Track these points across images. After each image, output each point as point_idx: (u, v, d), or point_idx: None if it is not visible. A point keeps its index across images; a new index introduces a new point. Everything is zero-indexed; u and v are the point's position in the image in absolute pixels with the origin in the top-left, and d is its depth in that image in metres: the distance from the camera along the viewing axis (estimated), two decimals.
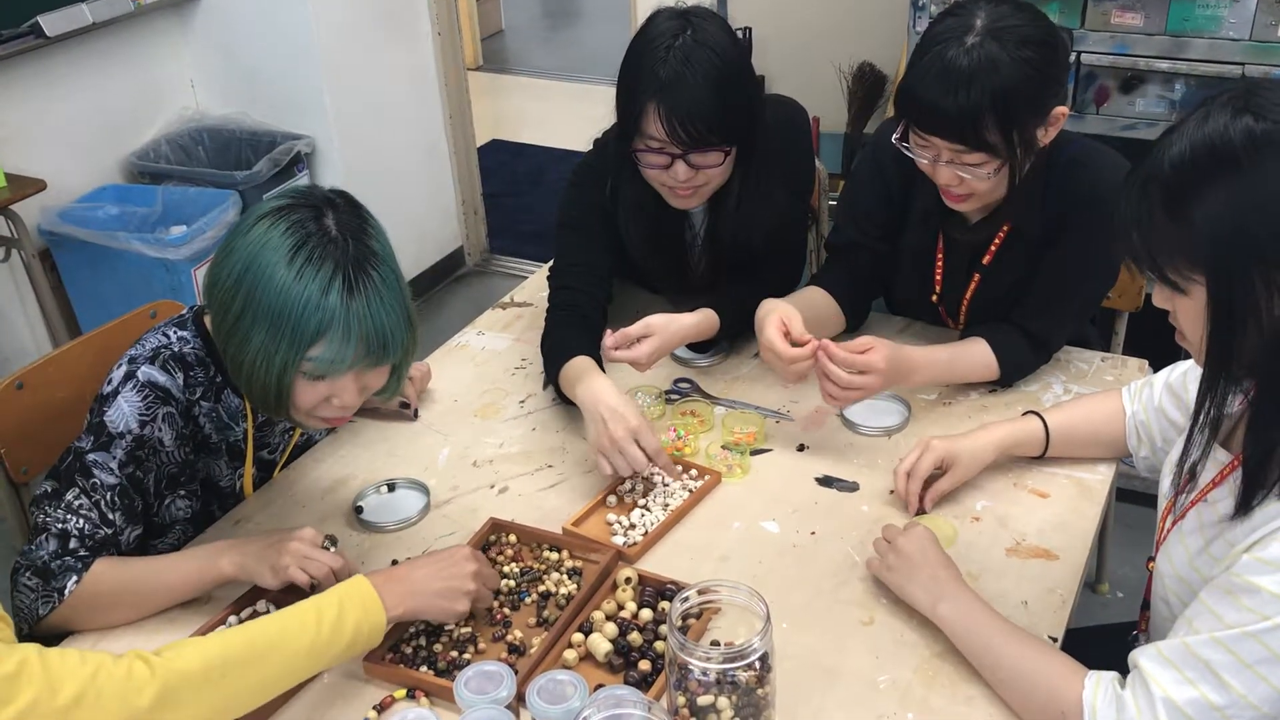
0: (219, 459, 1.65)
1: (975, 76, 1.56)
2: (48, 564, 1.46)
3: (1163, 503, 1.40)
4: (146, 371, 1.51)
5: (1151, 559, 1.40)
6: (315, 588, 1.42)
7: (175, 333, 1.56)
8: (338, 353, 1.39)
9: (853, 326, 1.96)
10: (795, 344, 1.69)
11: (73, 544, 1.47)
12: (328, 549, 1.47)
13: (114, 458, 1.49)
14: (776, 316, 1.70)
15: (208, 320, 1.53)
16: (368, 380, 1.47)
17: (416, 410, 1.86)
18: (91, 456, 1.48)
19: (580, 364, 1.76)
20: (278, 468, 1.77)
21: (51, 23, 3.09)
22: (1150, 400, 1.60)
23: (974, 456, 1.61)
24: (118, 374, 1.52)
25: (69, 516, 1.48)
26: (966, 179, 1.66)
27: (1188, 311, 1.15)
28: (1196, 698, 1.14)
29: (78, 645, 1.45)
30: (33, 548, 1.48)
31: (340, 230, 1.41)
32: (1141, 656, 1.19)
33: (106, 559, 1.49)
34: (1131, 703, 1.18)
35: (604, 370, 1.77)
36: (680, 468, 1.71)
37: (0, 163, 2.93)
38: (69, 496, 1.48)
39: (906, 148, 1.69)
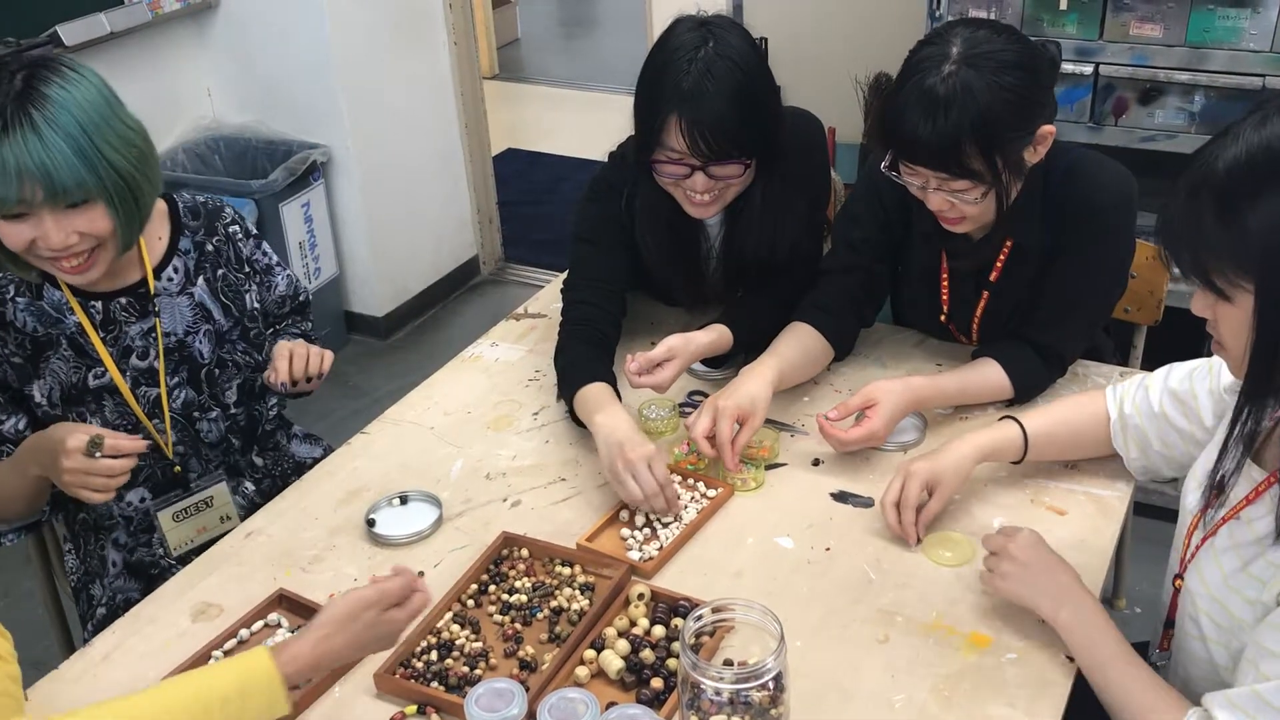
0: (58, 351, 1.70)
1: (953, 105, 1.56)
2: None
3: (1187, 518, 1.38)
4: None
5: (1179, 576, 1.38)
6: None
7: None
8: (4, 190, 1.47)
9: (840, 356, 1.94)
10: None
11: None
12: (93, 455, 1.53)
13: None
14: (734, 411, 1.67)
15: None
16: (74, 224, 1.53)
17: (284, 384, 1.76)
18: None
19: (598, 394, 1.74)
20: (162, 376, 1.76)
21: (70, 32, 3.11)
22: (1146, 403, 1.57)
23: (956, 471, 1.58)
24: None
25: None
26: (956, 203, 1.66)
27: (1231, 320, 1.14)
28: None
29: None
30: None
31: (21, 79, 1.50)
32: (1214, 705, 1.18)
33: None
34: None
35: (619, 390, 1.78)
36: (691, 481, 1.70)
37: None
38: None
39: (895, 176, 1.69)
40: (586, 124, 5.78)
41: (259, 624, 1.48)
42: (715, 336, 1.85)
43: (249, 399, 1.89)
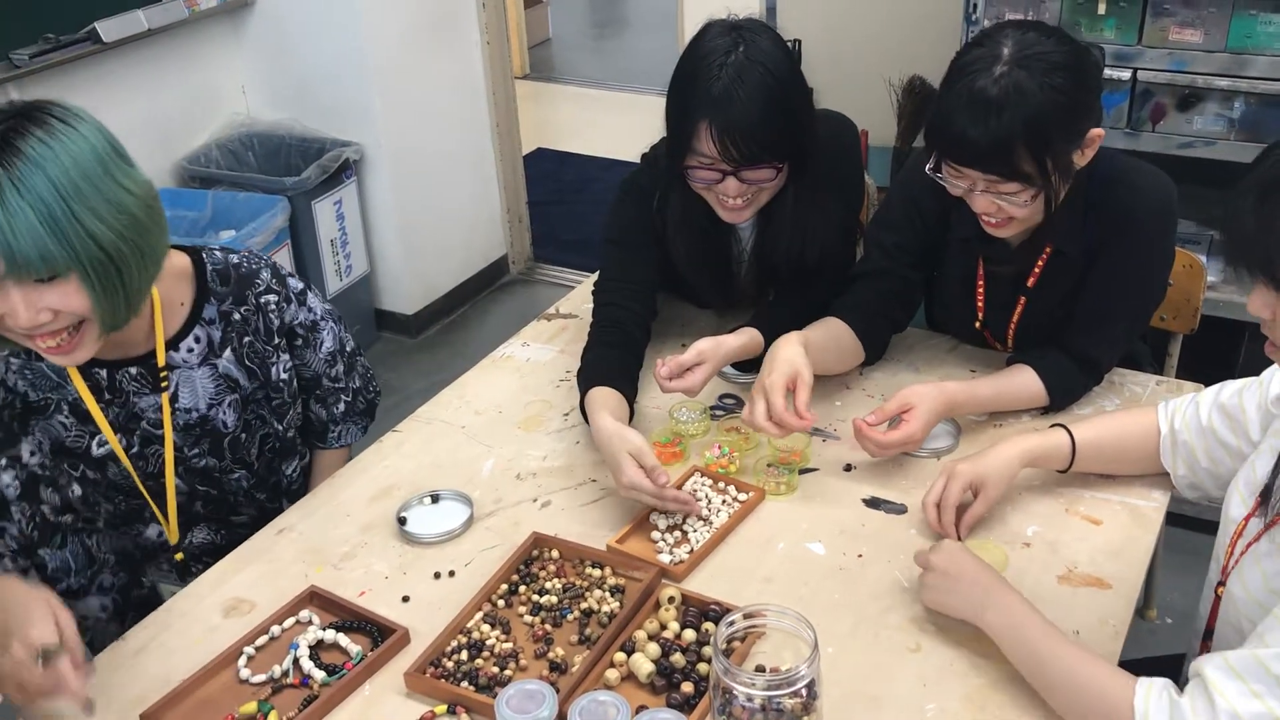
0: (56, 416, 1.57)
1: (1005, 107, 1.54)
2: None
3: (1230, 527, 1.36)
4: None
5: (1221, 584, 1.36)
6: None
7: None
8: None
9: (872, 359, 1.93)
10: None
11: None
12: (37, 662, 1.26)
13: None
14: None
15: None
16: (44, 299, 1.34)
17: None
18: None
19: (597, 398, 1.74)
20: (169, 441, 1.65)
21: (109, 29, 3.14)
22: (1195, 419, 1.56)
23: (1000, 474, 1.57)
24: None
25: None
26: (1003, 206, 1.64)
27: None
28: (1262, 712, 1.11)
29: None
30: None
31: None
32: (1207, 665, 1.17)
33: None
34: (1189, 711, 1.15)
35: (632, 394, 1.79)
36: (722, 484, 1.70)
37: None
38: None
39: (940, 178, 1.67)
40: (616, 124, 5.78)
41: (290, 620, 1.49)
42: (746, 340, 1.84)
43: (273, 458, 1.81)
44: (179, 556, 1.76)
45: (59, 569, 1.67)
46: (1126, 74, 2.56)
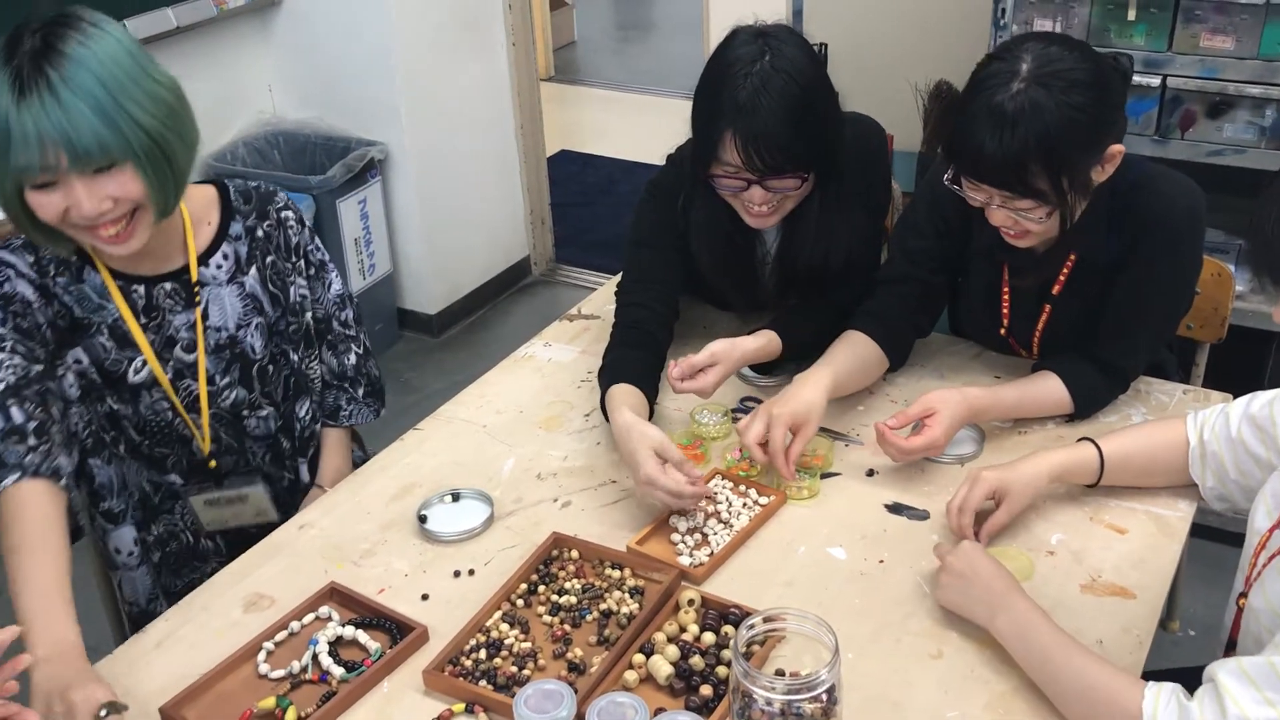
0: (97, 337, 1.64)
1: (1020, 124, 1.53)
2: None
3: (1254, 538, 1.35)
4: None
5: (1243, 595, 1.35)
6: None
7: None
8: (25, 158, 1.40)
9: (896, 365, 1.92)
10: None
11: (3, 420, 1.50)
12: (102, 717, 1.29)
13: None
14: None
15: None
16: (105, 189, 1.45)
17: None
18: None
19: (617, 395, 1.74)
20: (201, 369, 1.71)
21: (138, 26, 3.16)
22: (1225, 430, 1.54)
23: (1026, 486, 1.56)
24: None
25: None
26: (1020, 220, 1.63)
27: None
28: (1273, 718, 1.09)
29: None
30: None
31: (40, 38, 1.42)
32: (1220, 670, 1.15)
33: (35, 491, 1.48)
34: (1198, 715, 1.14)
35: (653, 394, 1.78)
36: (743, 487, 1.69)
37: None
38: None
39: (958, 190, 1.66)
40: (640, 127, 5.79)
41: (310, 616, 1.49)
42: (763, 342, 1.83)
43: (293, 397, 1.86)
44: (212, 464, 1.80)
45: (103, 486, 1.76)
46: (1156, 81, 2.54)
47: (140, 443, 1.76)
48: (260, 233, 1.76)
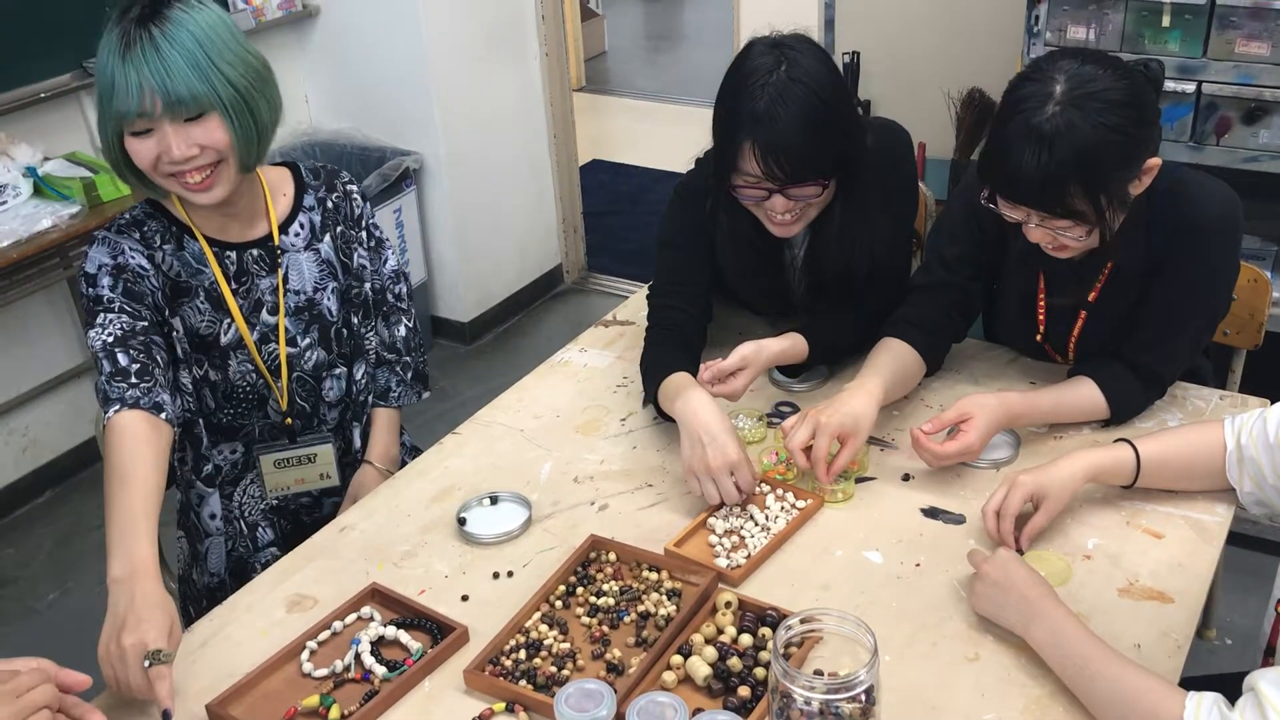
0: (195, 300, 1.78)
1: (1057, 147, 1.52)
2: (100, 387, 1.66)
3: None
4: (103, 234, 1.75)
5: None
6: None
7: (130, 211, 1.80)
8: (124, 103, 1.57)
9: (932, 370, 1.92)
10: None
11: (110, 365, 1.66)
12: (143, 664, 1.33)
13: (104, 286, 1.71)
14: (836, 430, 1.65)
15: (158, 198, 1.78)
16: (193, 136, 1.62)
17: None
18: (90, 291, 1.72)
19: (680, 379, 1.76)
20: (281, 330, 1.84)
21: None
22: (1263, 434, 1.53)
23: (1063, 487, 1.56)
24: (88, 248, 1.75)
25: (101, 333, 1.68)
26: (1058, 237, 1.63)
27: None
28: None
29: None
30: (97, 374, 1.68)
31: (148, 4, 1.60)
32: (1261, 680, 1.15)
33: (136, 421, 1.61)
34: None
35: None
36: (780, 491, 1.70)
37: None
38: (99, 320, 1.70)
39: (994, 208, 1.66)
40: (671, 136, 5.81)
41: (352, 616, 1.51)
42: (789, 344, 1.84)
43: (351, 358, 1.98)
44: (288, 421, 1.91)
45: (207, 448, 1.88)
46: (1191, 87, 2.53)
47: (224, 410, 1.87)
48: (330, 204, 1.92)
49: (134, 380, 1.65)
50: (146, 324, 1.71)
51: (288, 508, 1.97)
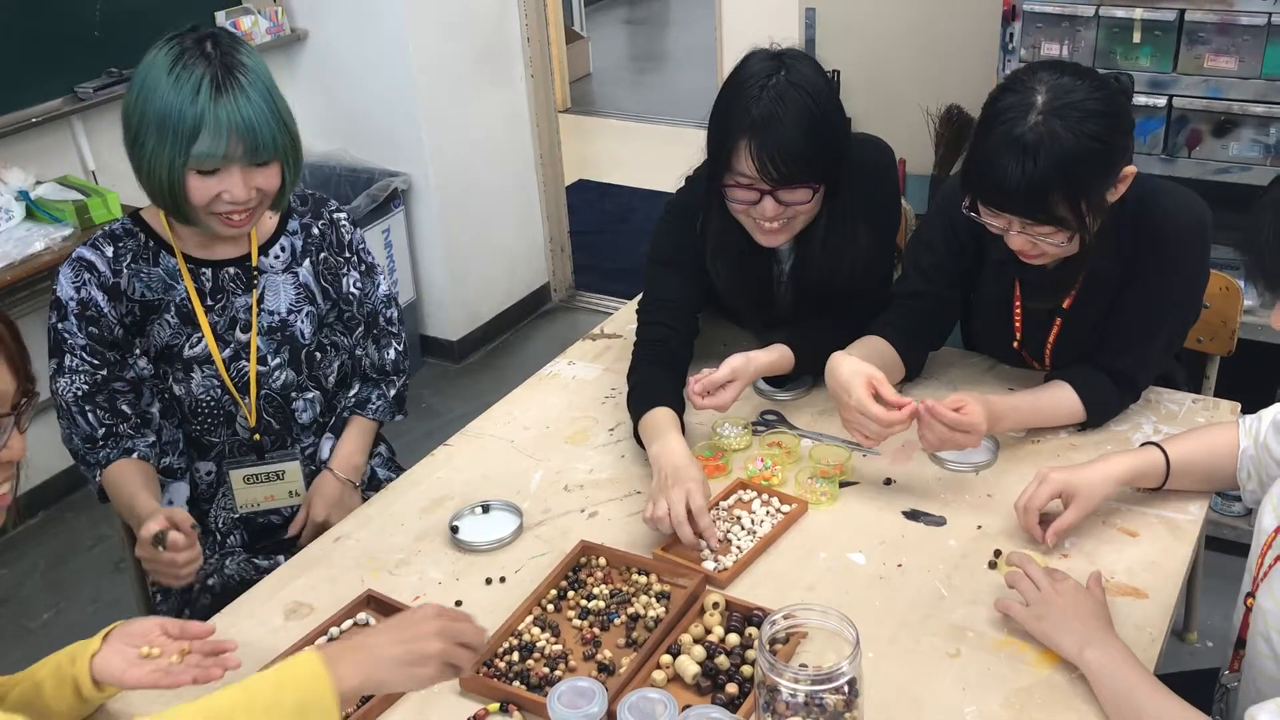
0: (164, 315, 1.83)
1: (1041, 156, 1.58)
2: (74, 450, 1.83)
3: (1262, 537, 1.39)
4: (80, 251, 1.82)
5: (1251, 595, 1.39)
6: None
7: (112, 224, 1.86)
8: (213, 146, 1.64)
9: (910, 376, 1.97)
10: (887, 405, 1.67)
11: (77, 425, 1.81)
12: (158, 548, 1.59)
13: (71, 323, 1.79)
14: (864, 379, 1.68)
15: (142, 211, 1.86)
16: (255, 179, 1.70)
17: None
18: (59, 325, 1.80)
19: (659, 419, 1.79)
20: (253, 348, 1.88)
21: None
22: (1259, 435, 1.58)
23: (1094, 489, 1.60)
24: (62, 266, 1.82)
25: (69, 384, 1.79)
26: (1039, 244, 1.69)
27: None
28: None
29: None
30: (63, 428, 1.82)
31: (212, 47, 1.67)
32: (1262, 713, 1.17)
33: (119, 464, 1.80)
34: None
35: (682, 413, 1.83)
36: (765, 495, 1.74)
37: (117, 195, 3.07)
38: (65, 363, 1.80)
39: (975, 217, 1.72)
40: (656, 156, 5.86)
41: (348, 622, 1.54)
42: (776, 356, 1.89)
43: (341, 381, 2.02)
44: (256, 437, 1.93)
45: (168, 443, 1.93)
46: (1162, 101, 2.60)
47: (190, 425, 1.91)
48: (315, 230, 1.96)
49: (102, 443, 1.81)
50: (106, 372, 1.81)
51: (255, 519, 1.99)
